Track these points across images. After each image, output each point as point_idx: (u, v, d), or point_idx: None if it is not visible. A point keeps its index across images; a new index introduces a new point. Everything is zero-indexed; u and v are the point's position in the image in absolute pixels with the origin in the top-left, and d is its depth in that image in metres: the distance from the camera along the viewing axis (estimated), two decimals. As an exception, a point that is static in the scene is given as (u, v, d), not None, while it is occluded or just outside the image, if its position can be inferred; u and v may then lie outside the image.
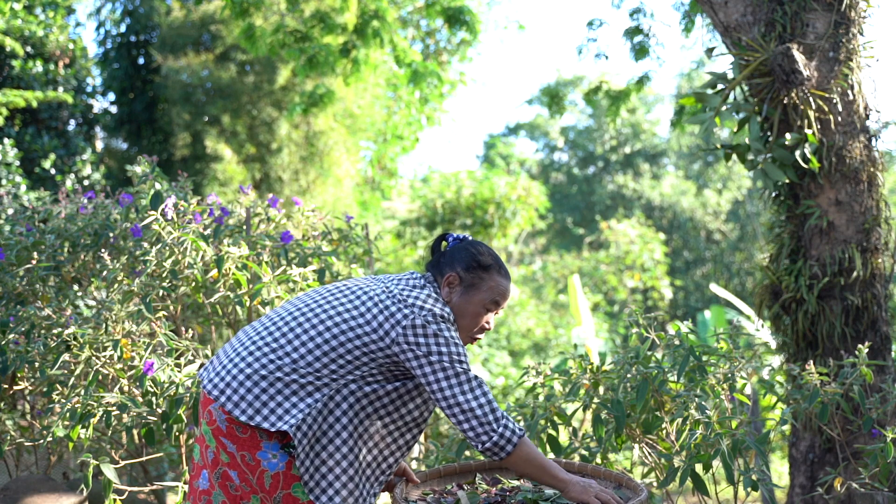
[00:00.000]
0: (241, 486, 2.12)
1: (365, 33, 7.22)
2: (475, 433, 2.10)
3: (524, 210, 13.60)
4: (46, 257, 3.66)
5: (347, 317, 2.15)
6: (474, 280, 2.27)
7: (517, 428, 2.13)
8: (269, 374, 2.10)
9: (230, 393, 2.11)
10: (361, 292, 2.21)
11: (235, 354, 2.16)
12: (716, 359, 3.00)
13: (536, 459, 2.16)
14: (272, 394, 2.08)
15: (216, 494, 2.16)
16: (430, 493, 2.33)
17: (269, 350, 2.14)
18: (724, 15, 4.06)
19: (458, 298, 2.26)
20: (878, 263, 3.94)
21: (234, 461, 2.11)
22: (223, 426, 2.11)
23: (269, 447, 2.09)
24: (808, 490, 3.93)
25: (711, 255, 20.53)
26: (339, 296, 2.21)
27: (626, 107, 7.93)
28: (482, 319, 2.28)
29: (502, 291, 2.29)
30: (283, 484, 2.10)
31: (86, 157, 10.50)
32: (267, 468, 2.09)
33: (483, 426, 2.10)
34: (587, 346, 9.59)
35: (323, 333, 2.13)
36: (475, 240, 2.37)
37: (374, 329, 2.13)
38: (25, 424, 3.71)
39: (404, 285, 2.24)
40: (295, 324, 2.16)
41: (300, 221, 3.95)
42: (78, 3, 12.10)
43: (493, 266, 2.29)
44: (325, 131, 11.71)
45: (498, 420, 2.11)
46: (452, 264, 2.29)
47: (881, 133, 4.02)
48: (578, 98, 22.60)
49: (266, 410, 2.08)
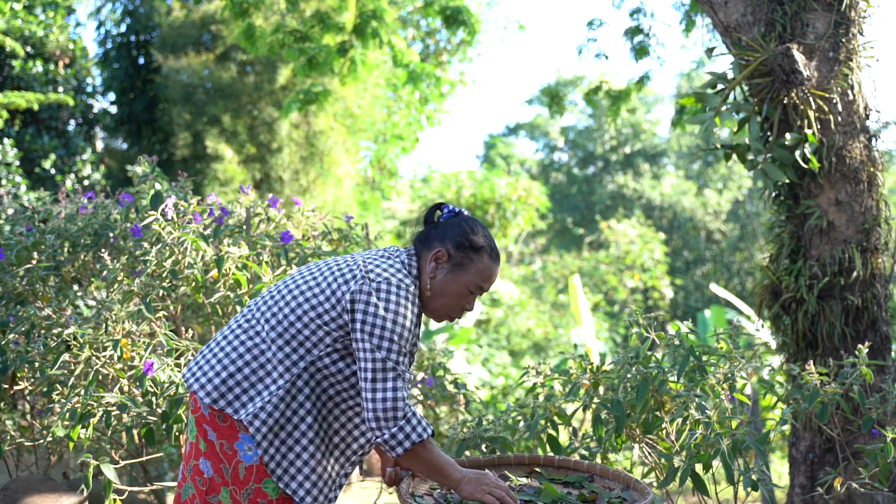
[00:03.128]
0: (212, 477, 2.11)
1: (363, 33, 7.22)
2: (371, 424, 2.04)
3: (524, 210, 13.61)
4: (46, 257, 3.66)
5: (308, 294, 2.11)
6: (463, 260, 2.18)
7: (419, 432, 2.04)
8: (238, 357, 2.10)
9: (200, 375, 2.12)
10: (326, 267, 2.17)
11: (213, 342, 2.18)
12: (716, 359, 3.00)
13: (431, 462, 2.09)
14: (239, 379, 2.09)
15: (186, 487, 2.18)
16: (437, 489, 2.33)
17: (241, 332, 2.14)
18: (724, 15, 4.06)
19: (442, 276, 2.17)
20: (878, 263, 3.94)
21: (211, 450, 2.11)
22: (206, 413, 2.12)
23: (245, 438, 2.09)
24: (808, 490, 3.93)
25: (711, 255, 20.52)
26: (306, 273, 2.18)
27: (627, 107, 7.92)
28: (463, 300, 2.20)
29: (489, 276, 2.20)
30: (255, 477, 2.09)
31: (86, 157, 10.50)
32: (242, 459, 2.09)
33: (378, 420, 2.03)
34: (587, 346, 9.58)
35: (283, 309, 2.11)
36: (471, 216, 2.28)
37: (328, 297, 2.09)
38: (25, 424, 3.71)
39: (373, 256, 2.19)
40: (265, 307, 2.16)
41: (300, 221, 3.95)
42: (78, 3, 12.11)
43: (484, 248, 2.20)
44: (325, 131, 11.71)
45: (397, 419, 2.03)
46: (443, 239, 2.19)
47: (881, 133, 4.02)
48: (578, 98, 22.60)
49: (231, 395, 2.08)
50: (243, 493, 2.09)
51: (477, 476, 2.13)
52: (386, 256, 2.19)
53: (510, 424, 3.31)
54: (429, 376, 4.27)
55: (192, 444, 2.17)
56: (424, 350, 4.54)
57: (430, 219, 2.28)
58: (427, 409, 4.44)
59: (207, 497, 2.12)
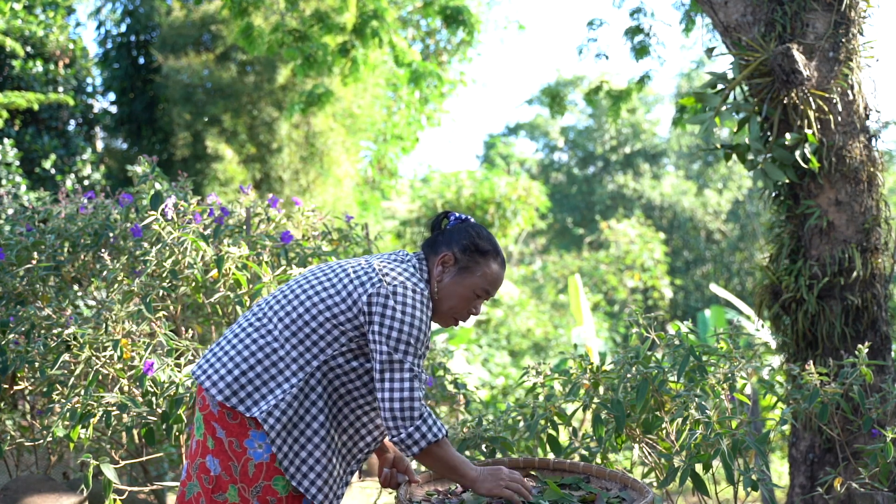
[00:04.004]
0: (219, 475, 2.11)
1: (364, 33, 7.22)
2: (388, 424, 2.08)
3: (524, 210, 13.61)
4: (46, 257, 3.66)
5: (324, 294, 2.14)
6: (469, 263, 2.22)
7: (434, 432, 2.09)
8: (250, 355, 2.11)
9: (211, 373, 2.13)
10: (340, 269, 2.20)
11: (224, 339, 2.19)
12: (716, 359, 3.00)
13: (447, 461, 2.14)
14: (251, 377, 2.09)
15: (191, 485, 2.18)
16: (434, 494, 2.33)
17: (252, 330, 2.15)
18: (724, 15, 4.06)
19: (449, 279, 2.22)
20: (878, 263, 3.94)
21: (219, 447, 2.12)
22: (215, 410, 2.12)
23: (255, 436, 2.09)
24: (808, 490, 3.93)
25: (711, 255, 20.52)
26: (319, 274, 2.21)
27: (627, 107, 7.93)
28: (470, 304, 2.24)
29: (495, 280, 2.25)
30: (265, 475, 2.10)
31: (86, 157, 10.50)
32: (252, 457, 2.10)
33: (395, 420, 2.07)
34: (587, 346, 9.58)
35: (297, 308, 2.13)
36: (477, 223, 2.33)
37: (344, 299, 2.12)
38: (25, 424, 3.71)
39: (386, 260, 2.22)
40: (278, 307, 2.17)
41: (300, 221, 3.95)
42: (78, 3, 12.11)
43: (490, 252, 2.24)
44: (325, 131, 11.71)
45: (413, 419, 2.07)
46: (450, 244, 2.24)
47: (881, 133, 4.02)
48: (578, 98, 22.61)
49: (243, 393, 2.09)
50: (252, 491, 2.10)
51: (492, 472, 2.18)
52: (399, 261, 2.22)
53: (510, 424, 3.31)
54: (429, 376, 4.27)
55: (199, 441, 2.17)
56: (424, 350, 4.53)
57: (438, 226, 2.33)
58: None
59: (213, 495, 2.12)
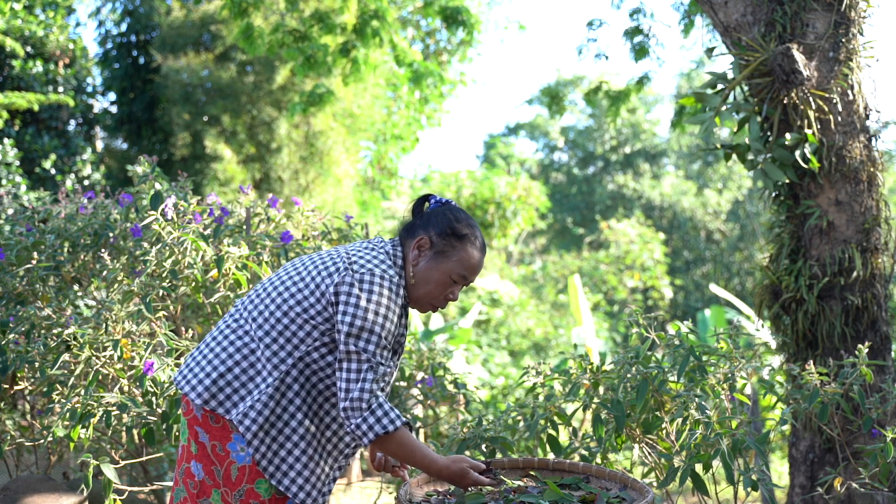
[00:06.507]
0: (203, 480, 2.10)
1: (364, 33, 7.22)
2: (342, 414, 2.03)
3: (524, 210, 13.60)
4: (46, 257, 3.66)
5: (293, 289, 2.10)
6: (445, 247, 2.15)
7: (384, 423, 2.02)
8: (228, 357, 2.10)
9: (191, 377, 2.11)
10: (310, 262, 2.16)
11: (203, 343, 2.18)
12: (716, 359, 3.00)
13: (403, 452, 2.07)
14: (229, 379, 2.08)
15: (178, 491, 2.17)
16: (433, 494, 2.32)
17: (229, 332, 2.14)
18: (724, 15, 4.06)
19: (425, 263, 2.15)
20: (878, 263, 3.94)
21: (203, 452, 2.11)
22: (199, 414, 2.11)
23: (238, 439, 2.08)
24: (808, 490, 3.93)
25: (711, 255, 20.53)
26: (290, 269, 2.18)
27: (626, 107, 7.93)
28: (447, 290, 2.18)
29: (473, 265, 2.17)
30: (248, 478, 2.08)
31: (86, 157, 10.51)
32: (235, 460, 2.08)
33: (346, 410, 2.02)
34: (587, 346, 9.59)
35: (269, 307, 2.11)
36: (457, 206, 2.25)
37: (312, 292, 2.08)
38: (25, 424, 3.71)
39: (357, 247, 2.17)
40: (251, 306, 2.15)
41: (300, 221, 3.95)
42: (78, 3, 12.12)
43: (468, 236, 2.17)
44: (325, 131, 11.71)
45: (362, 409, 2.01)
46: (427, 227, 2.18)
47: (881, 133, 4.02)
48: (578, 98, 22.61)
49: (222, 396, 2.07)
50: (235, 495, 2.09)
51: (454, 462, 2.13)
52: (370, 248, 2.17)
53: (510, 424, 3.31)
54: (429, 376, 4.27)
55: (184, 446, 2.16)
56: (424, 350, 4.54)
57: (419, 209, 2.27)
58: (427, 409, 4.44)
59: (198, 500, 2.11)
